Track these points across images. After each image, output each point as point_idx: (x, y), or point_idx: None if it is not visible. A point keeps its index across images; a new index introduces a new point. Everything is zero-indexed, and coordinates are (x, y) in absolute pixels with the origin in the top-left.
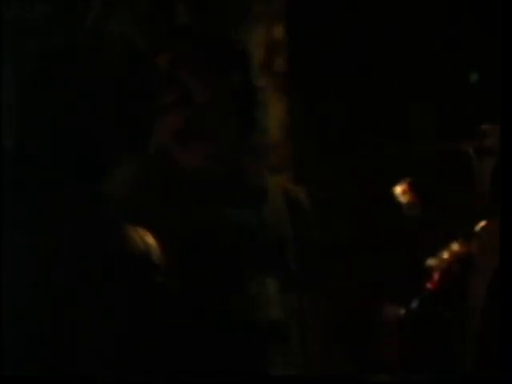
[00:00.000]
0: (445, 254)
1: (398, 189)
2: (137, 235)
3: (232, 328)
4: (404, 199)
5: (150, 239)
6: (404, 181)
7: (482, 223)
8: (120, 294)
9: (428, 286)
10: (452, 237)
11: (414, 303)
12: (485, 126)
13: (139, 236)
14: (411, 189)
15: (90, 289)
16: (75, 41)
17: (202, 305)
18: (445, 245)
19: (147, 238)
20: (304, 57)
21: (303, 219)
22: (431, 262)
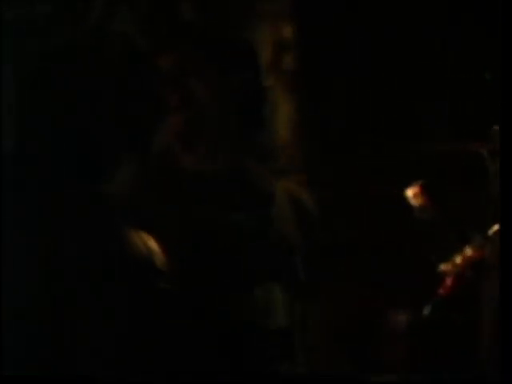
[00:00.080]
0: (458, 259)
1: (410, 191)
2: (139, 240)
3: (236, 333)
4: (416, 202)
5: (153, 244)
6: (416, 183)
7: (496, 227)
8: (122, 298)
9: (440, 292)
10: (465, 241)
11: (426, 309)
12: (498, 127)
13: (142, 240)
14: (423, 191)
15: (91, 291)
16: (75, 41)
17: (205, 310)
18: (458, 249)
19: (150, 243)
20: (313, 55)
21: (308, 221)
22: (444, 267)
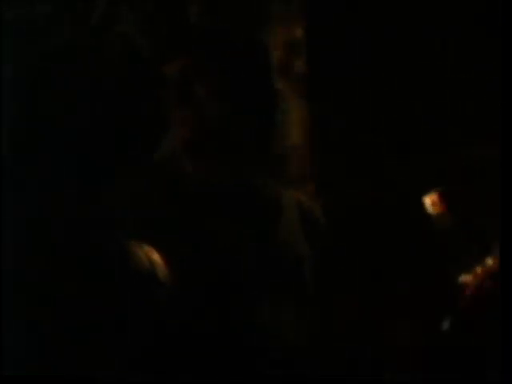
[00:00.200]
0: (478, 270)
1: (428, 199)
2: (141, 252)
3: (241, 347)
4: (434, 210)
5: (156, 256)
6: (434, 191)
7: None
8: (123, 309)
9: (460, 305)
10: (486, 251)
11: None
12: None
13: (144, 253)
14: (442, 199)
15: (92, 300)
16: (77, 42)
17: (209, 325)
18: (478, 259)
19: (152, 255)
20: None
21: (316, 231)
22: (464, 278)
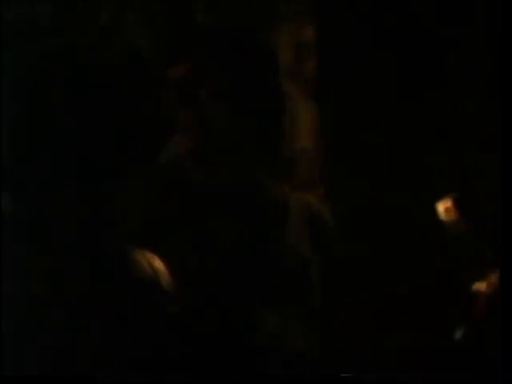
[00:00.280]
0: (492, 278)
1: (441, 206)
2: (144, 259)
3: (244, 350)
4: (447, 217)
5: (158, 263)
6: (447, 197)
7: None
8: (125, 311)
9: (474, 313)
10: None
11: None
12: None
13: (146, 260)
14: (455, 206)
15: (92, 300)
16: (78, 43)
17: (213, 332)
18: (492, 267)
19: (155, 262)
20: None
21: (324, 234)
22: (478, 286)
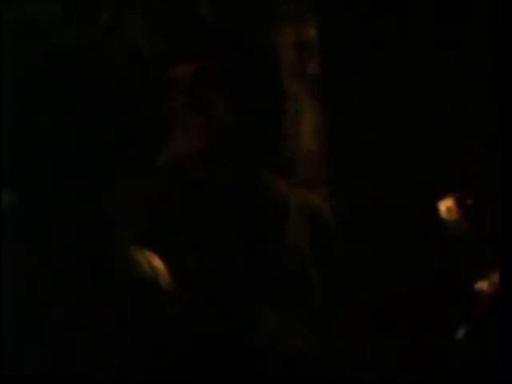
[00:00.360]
0: (495, 277)
1: (443, 205)
2: (143, 258)
3: (244, 351)
4: (449, 216)
5: (157, 262)
6: (449, 196)
7: None
8: (125, 311)
9: (475, 313)
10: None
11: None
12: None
13: (146, 259)
14: (457, 205)
15: (92, 300)
16: (80, 43)
17: (213, 333)
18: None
19: (154, 261)
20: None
21: (325, 233)
22: (480, 285)
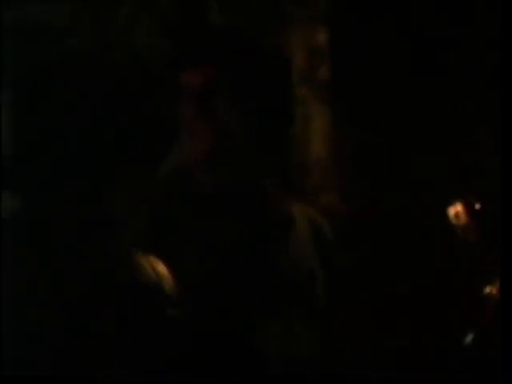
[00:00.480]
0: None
1: (452, 210)
2: (147, 263)
3: (246, 358)
4: (458, 221)
5: (161, 267)
6: (458, 201)
7: None
8: (125, 311)
9: (484, 318)
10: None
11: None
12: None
13: (150, 264)
14: (466, 210)
15: (93, 300)
16: (94, 51)
17: (217, 341)
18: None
19: (158, 267)
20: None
21: (326, 246)
22: (489, 290)
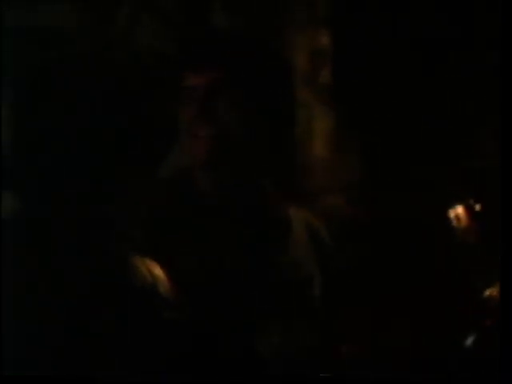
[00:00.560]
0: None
1: (452, 213)
2: (143, 266)
3: (244, 363)
4: (458, 224)
5: (158, 270)
6: (459, 203)
7: None
8: (125, 311)
9: (484, 320)
10: None
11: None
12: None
13: (146, 267)
14: (467, 213)
15: (93, 300)
16: (95, 52)
17: (214, 344)
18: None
19: (155, 270)
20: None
21: (324, 251)
22: (490, 292)
